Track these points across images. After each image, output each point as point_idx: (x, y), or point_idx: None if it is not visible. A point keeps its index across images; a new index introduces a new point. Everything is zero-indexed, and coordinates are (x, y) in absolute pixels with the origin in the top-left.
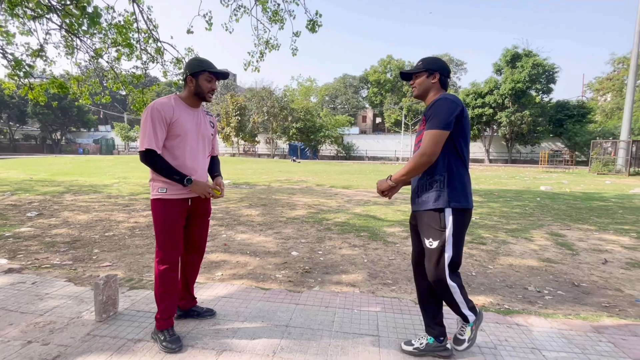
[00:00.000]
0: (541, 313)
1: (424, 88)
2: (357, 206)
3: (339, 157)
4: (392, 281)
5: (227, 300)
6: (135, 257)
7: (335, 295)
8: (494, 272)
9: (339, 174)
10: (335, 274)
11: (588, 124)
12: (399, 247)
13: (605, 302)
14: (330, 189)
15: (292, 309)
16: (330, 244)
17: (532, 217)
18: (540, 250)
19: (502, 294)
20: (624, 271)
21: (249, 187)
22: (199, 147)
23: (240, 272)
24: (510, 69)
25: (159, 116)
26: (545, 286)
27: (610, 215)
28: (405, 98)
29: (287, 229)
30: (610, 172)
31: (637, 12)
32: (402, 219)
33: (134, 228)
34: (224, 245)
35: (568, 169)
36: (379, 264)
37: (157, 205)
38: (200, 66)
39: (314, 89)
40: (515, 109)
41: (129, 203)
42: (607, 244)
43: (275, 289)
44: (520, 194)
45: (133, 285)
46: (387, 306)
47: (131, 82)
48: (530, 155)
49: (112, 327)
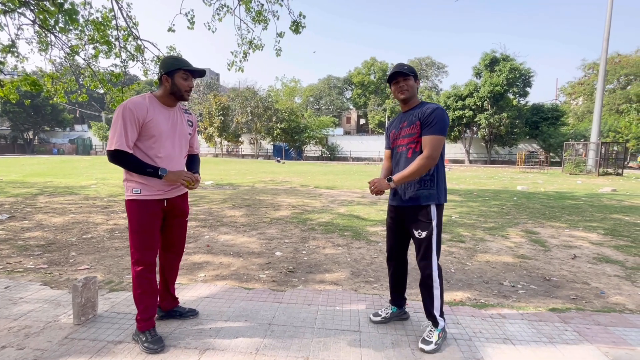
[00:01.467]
0: (514, 306)
1: (413, 91)
2: (341, 206)
3: (324, 157)
4: (374, 279)
5: (209, 301)
6: (114, 260)
7: (318, 293)
8: (472, 268)
9: (324, 174)
10: (319, 273)
11: (561, 127)
12: (382, 245)
13: (573, 294)
14: (315, 189)
15: (275, 307)
16: (314, 243)
17: (508, 215)
18: (515, 247)
19: (479, 289)
20: (591, 266)
21: (232, 188)
22: (175, 147)
23: (223, 273)
24: (489, 72)
25: (131, 116)
26: (519, 281)
27: (580, 213)
28: (389, 100)
29: (271, 229)
30: (582, 172)
31: (606, 22)
32: (384, 219)
33: (113, 230)
34: (207, 246)
35: (543, 169)
36: (362, 262)
37: (131, 206)
38: (176, 64)
39: (299, 90)
40: (493, 112)
41: (108, 205)
42: (577, 240)
43: (258, 289)
44: (498, 193)
45: (113, 288)
46: (368, 303)
47: (109, 81)
48: (508, 156)
49: (91, 329)
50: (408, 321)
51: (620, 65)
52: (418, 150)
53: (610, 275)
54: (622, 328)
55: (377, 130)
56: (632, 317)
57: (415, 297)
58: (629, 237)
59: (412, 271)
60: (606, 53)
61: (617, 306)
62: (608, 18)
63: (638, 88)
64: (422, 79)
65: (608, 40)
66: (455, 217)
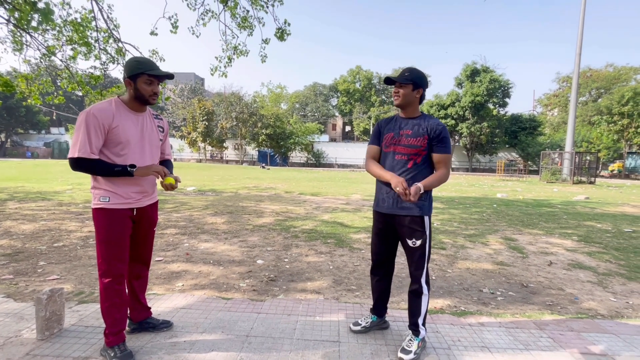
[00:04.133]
0: (492, 313)
1: (408, 100)
2: (325, 213)
3: (309, 164)
4: (356, 287)
5: (185, 312)
6: (87, 269)
7: (298, 303)
8: (452, 275)
9: (309, 181)
10: (301, 281)
11: (539, 136)
12: (365, 253)
13: (549, 300)
14: (299, 196)
15: (253, 318)
16: (296, 251)
17: (488, 222)
18: (494, 254)
19: (459, 296)
20: (566, 272)
21: (214, 194)
22: (145, 154)
23: (202, 282)
24: (470, 82)
25: (95, 122)
26: (498, 288)
27: (556, 220)
28: (374, 108)
29: (253, 237)
30: (558, 180)
31: (577, 37)
32: (368, 226)
33: (87, 238)
34: (186, 254)
35: (522, 177)
36: (344, 270)
37: (99, 215)
38: (139, 68)
39: (284, 96)
40: (475, 121)
41: (83, 211)
42: (553, 247)
43: (237, 299)
44: (479, 201)
45: (82, 299)
46: (349, 312)
47: (88, 83)
48: (489, 165)
49: (55, 345)
50: (388, 330)
51: (591, 79)
52: (419, 162)
53: (584, 281)
54: (594, 334)
55: (362, 138)
56: (603, 323)
57: (395, 305)
58: (601, 244)
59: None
60: (578, 67)
61: (589, 312)
62: (580, 33)
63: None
64: None
65: (580, 55)
66: (437, 224)
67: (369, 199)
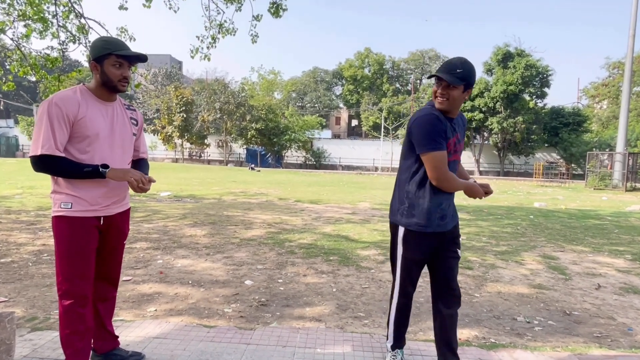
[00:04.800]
0: (528, 346)
1: (457, 104)
2: (327, 224)
3: (308, 165)
4: (364, 314)
5: (160, 342)
6: (41, 290)
7: (295, 332)
8: (481, 300)
9: (307, 185)
10: (298, 306)
11: (584, 134)
12: (374, 273)
13: (597, 331)
14: (296, 203)
15: (241, 350)
16: (292, 270)
17: (524, 237)
18: (531, 275)
19: (489, 325)
20: (617, 297)
21: (194, 201)
22: (115, 151)
23: (179, 307)
24: (502, 69)
25: (58, 113)
26: (535, 316)
27: (605, 235)
28: (386, 98)
29: (240, 252)
30: (607, 187)
31: (631, 16)
32: (378, 240)
33: (40, 252)
34: (160, 273)
35: (564, 182)
36: (350, 293)
37: (59, 224)
38: (106, 48)
39: (279, 83)
40: (507, 114)
41: (36, 220)
42: (601, 267)
43: (222, 327)
44: (512, 210)
45: (36, 326)
46: (356, 343)
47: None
48: (524, 167)
49: None
50: None
51: None
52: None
53: (639, 309)
54: None
55: (371, 134)
56: None
57: (411, 335)
58: None
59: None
60: (632, 51)
61: None
62: (634, 12)
63: None
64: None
65: (634, 37)
66: (462, 238)
67: (379, 207)
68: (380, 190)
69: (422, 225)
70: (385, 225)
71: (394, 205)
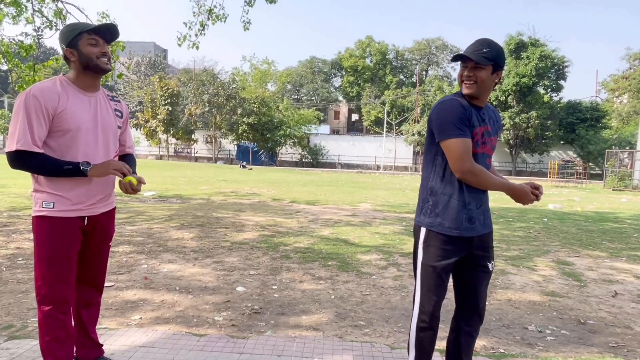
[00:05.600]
0: (539, 357)
1: (487, 87)
2: (325, 227)
3: (304, 163)
4: (365, 322)
5: (146, 351)
6: (16, 297)
7: (291, 341)
8: (490, 309)
9: (303, 185)
10: (294, 314)
11: (603, 130)
12: (376, 279)
13: (613, 341)
14: (291, 204)
15: (234, 359)
16: (288, 276)
17: (536, 241)
18: (544, 282)
19: (498, 335)
20: (635, 305)
21: (181, 202)
22: (99, 145)
23: (165, 315)
24: (515, 60)
25: (37, 105)
26: (547, 325)
27: (624, 239)
28: (388, 91)
29: (231, 256)
30: (627, 187)
31: None
32: (380, 244)
33: (15, 256)
34: (145, 279)
35: (581, 183)
36: (350, 301)
37: (40, 224)
38: (76, 29)
39: (272, 74)
40: (520, 109)
41: (8, 222)
42: (619, 274)
43: (212, 335)
44: (525, 213)
45: (13, 334)
46: (356, 353)
47: (17, 55)
48: (538, 166)
49: None
50: None
51: None
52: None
53: None
54: None
55: (373, 129)
56: None
57: None
58: None
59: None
60: None
61: None
62: None
63: None
64: (431, 65)
65: None
66: None
67: (381, 209)
68: (382, 190)
69: (446, 226)
70: (387, 228)
71: (418, 206)
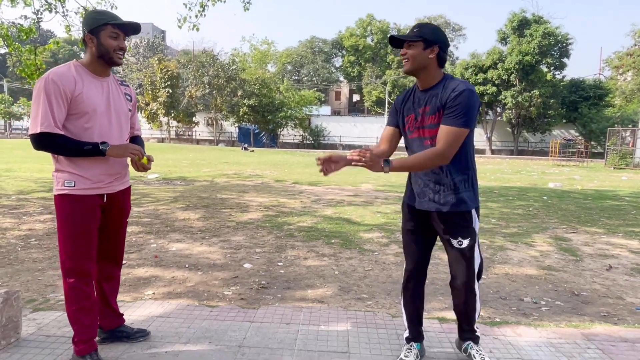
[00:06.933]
0: (532, 324)
1: (419, 63)
2: (327, 207)
3: (305, 144)
4: (367, 295)
5: (163, 320)
6: (33, 275)
7: (298, 311)
8: (487, 282)
9: (305, 166)
10: (299, 289)
11: (606, 108)
12: (378, 255)
13: (604, 311)
14: (293, 185)
15: (245, 327)
16: (292, 253)
17: (535, 219)
18: (541, 257)
19: (495, 306)
20: (627, 278)
21: (184, 184)
22: (113, 127)
23: (177, 290)
24: (518, 37)
25: (56, 90)
26: (542, 296)
27: (621, 216)
28: (390, 70)
29: (237, 236)
30: (628, 165)
31: None
32: (382, 222)
33: (28, 237)
34: (154, 257)
35: (582, 161)
36: (353, 276)
37: (63, 202)
38: (101, 19)
39: (272, 55)
40: (522, 88)
41: (18, 204)
42: (614, 249)
43: (224, 306)
44: (525, 191)
45: (37, 307)
46: (359, 321)
47: (17, 38)
48: (539, 146)
49: (15, 355)
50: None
51: None
52: None
53: None
54: None
55: (374, 110)
56: None
57: None
58: None
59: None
60: None
61: None
62: None
63: None
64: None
65: None
66: None
67: (382, 189)
68: None
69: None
70: (389, 207)
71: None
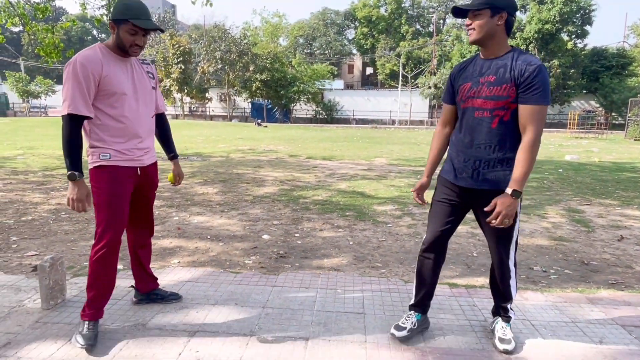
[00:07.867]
0: (540, 290)
1: (487, 32)
2: (342, 181)
3: (318, 119)
4: (381, 264)
5: (192, 285)
6: (67, 245)
7: (316, 276)
8: None
9: (318, 141)
10: (316, 258)
11: (628, 78)
12: (391, 227)
13: (612, 279)
14: (307, 160)
15: (268, 290)
16: (308, 225)
17: (549, 191)
18: (552, 228)
19: None
20: (638, 248)
21: (201, 159)
22: (140, 105)
23: (201, 259)
24: (537, 5)
25: (84, 72)
26: (552, 265)
27: (638, 188)
28: (404, 42)
29: (254, 209)
30: None
31: None
32: (395, 196)
33: (57, 211)
34: (177, 229)
35: (601, 133)
36: (367, 246)
37: (99, 173)
38: (125, 13)
39: (284, 28)
40: (542, 58)
41: (45, 180)
42: (628, 220)
43: (247, 273)
44: (541, 164)
45: (77, 273)
46: (374, 285)
47: (33, 17)
48: (558, 117)
49: (63, 314)
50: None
51: None
52: (508, 119)
53: None
54: None
55: (388, 83)
56: None
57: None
58: None
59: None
60: None
61: None
62: None
63: None
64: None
65: None
66: None
67: (396, 163)
68: (398, 145)
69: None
70: (402, 181)
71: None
